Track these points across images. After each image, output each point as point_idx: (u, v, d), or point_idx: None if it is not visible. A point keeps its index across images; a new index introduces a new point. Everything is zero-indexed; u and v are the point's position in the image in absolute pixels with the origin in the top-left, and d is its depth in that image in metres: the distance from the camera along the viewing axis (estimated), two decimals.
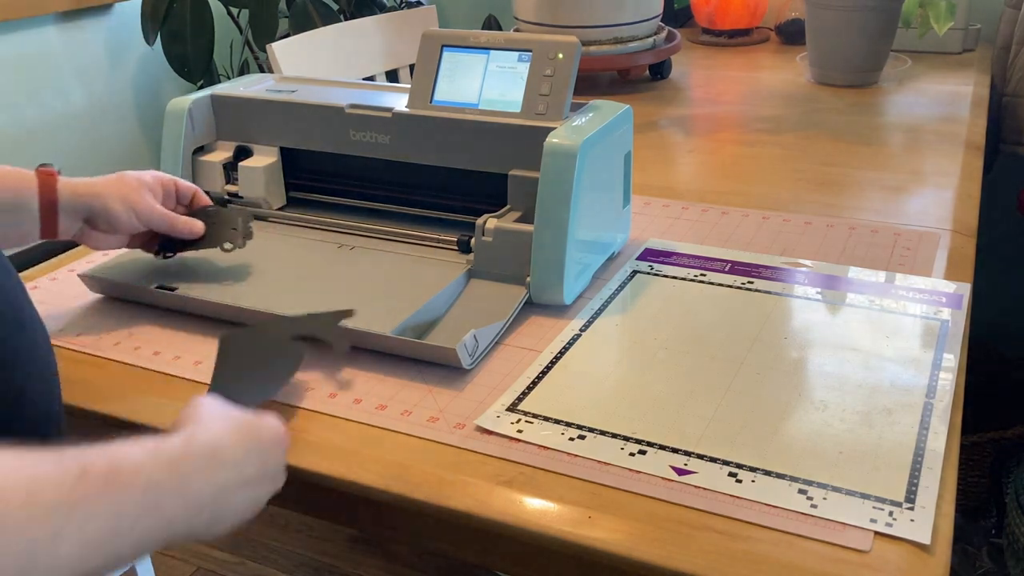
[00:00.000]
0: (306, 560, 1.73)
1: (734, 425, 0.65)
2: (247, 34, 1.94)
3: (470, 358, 0.73)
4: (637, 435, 0.64)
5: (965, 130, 1.29)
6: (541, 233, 0.79)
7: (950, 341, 0.75)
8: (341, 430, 0.67)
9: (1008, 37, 1.57)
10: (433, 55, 0.89)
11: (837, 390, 0.69)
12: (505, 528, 0.58)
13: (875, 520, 0.56)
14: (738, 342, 0.76)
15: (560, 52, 0.84)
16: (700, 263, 0.90)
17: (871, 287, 0.84)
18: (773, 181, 1.13)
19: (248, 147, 0.96)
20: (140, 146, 2.16)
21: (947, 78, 1.54)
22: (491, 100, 0.86)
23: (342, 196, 0.96)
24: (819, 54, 1.52)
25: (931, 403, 0.67)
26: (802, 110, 1.40)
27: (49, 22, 1.90)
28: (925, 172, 1.14)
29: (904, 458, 0.61)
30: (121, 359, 0.77)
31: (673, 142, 1.30)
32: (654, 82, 1.58)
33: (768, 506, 0.58)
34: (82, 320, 0.83)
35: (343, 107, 0.90)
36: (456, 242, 0.87)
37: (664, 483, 0.60)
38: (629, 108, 0.88)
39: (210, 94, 0.95)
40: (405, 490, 0.61)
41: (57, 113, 1.96)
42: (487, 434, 0.65)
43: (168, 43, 1.88)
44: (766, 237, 0.96)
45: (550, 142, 0.79)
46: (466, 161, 0.87)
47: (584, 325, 0.79)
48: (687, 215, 1.02)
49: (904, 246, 0.93)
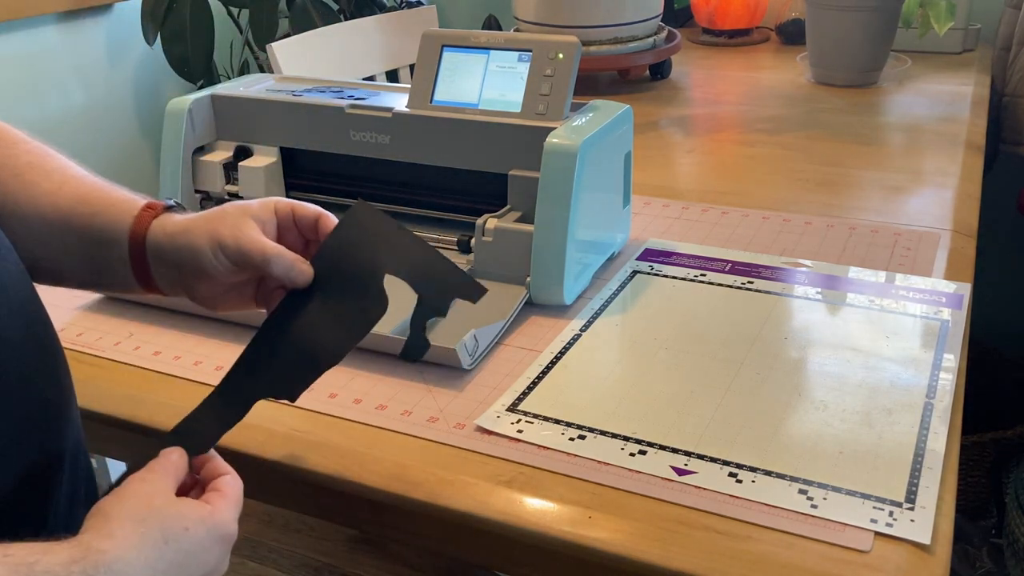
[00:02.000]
0: (306, 560, 1.73)
1: (734, 425, 0.65)
2: (247, 34, 1.94)
3: (470, 358, 0.73)
4: (637, 435, 0.64)
5: (965, 130, 1.28)
6: (541, 233, 0.79)
7: (950, 341, 0.75)
8: (341, 430, 0.67)
9: (1008, 37, 1.57)
10: (433, 55, 0.89)
11: (837, 390, 0.69)
12: (505, 528, 0.58)
13: (875, 520, 0.56)
14: (738, 342, 0.76)
15: (560, 52, 0.84)
16: (700, 263, 0.90)
17: (871, 287, 0.84)
18: (773, 181, 1.13)
19: (248, 147, 0.96)
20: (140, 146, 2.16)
21: (947, 78, 1.54)
22: (491, 100, 0.86)
23: (342, 196, 0.95)
24: (819, 54, 1.52)
25: (931, 403, 0.67)
26: (802, 110, 1.40)
27: (49, 22, 1.90)
28: (925, 172, 1.14)
29: (904, 458, 0.61)
30: (121, 359, 0.77)
31: (673, 142, 1.30)
32: (654, 82, 1.58)
33: (768, 506, 0.58)
34: (82, 320, 0.83)
35: (343, 107, 0.90)
36: (456, 242, 0.87)
37: (664, 483, 0.60)
38: (629, 108, 0.88)
39: (210, 94, 0.95)
40: (405, 490, 0.61)
41: (57, 113, 1.96)
42: (487, 434, 0.65)
43: (168, 43, 1.88)
44: (766, 237, 0.96)
45: (550, 142, 0.79)
46: (466, 161, 0.87)
47: (584, 325, 0.79)
48: (687, 215, 1.02)
49: (904, 246, 0.93)
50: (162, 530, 0.49)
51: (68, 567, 0.45)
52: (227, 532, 0.52)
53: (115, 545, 0.47)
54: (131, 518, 0.49)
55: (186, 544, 0.50)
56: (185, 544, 0.50)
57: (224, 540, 0.52)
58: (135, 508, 0.50)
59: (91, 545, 0.47)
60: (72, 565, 0.45)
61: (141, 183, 1.97)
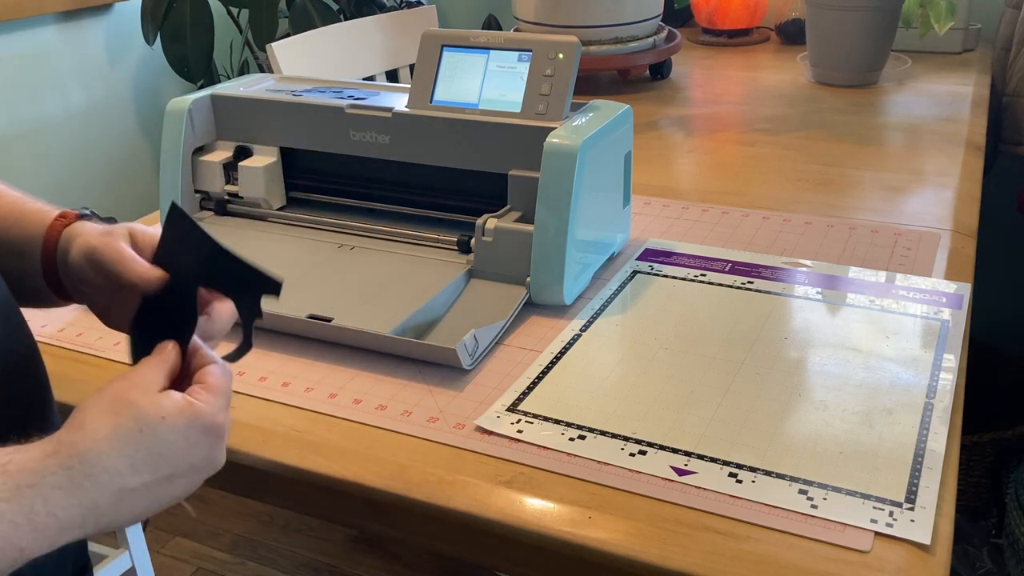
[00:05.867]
0: (306, 560, 1.73)
1: (734, 425, 0.65)
2: (247, 34, 1.94)
3: (470, 358, 0.73)
4: (637, 435, 0.64)
5: (965, 130, 1.28)
6: (541, 233, 0.79)
7: (950, 341, 0.75)
8: (341, 430, 0.67)
9: (1008, 37, 1.56)
10: (433, 55, 0.89)
11: (837, 390, 0.69)
12: (505, 528, 0.58)
13: (875, 520, 0.56)
14: (738, 342, 0.76)
15: (560, 52, 0.84)
16: (700, 263, 0.90)
17: (871, 287, 0.84)
18: (773, 181, 1.13)
19: (248, 147, 0.96)
20: (140, 146, 2.16)
21: (947, 78, 1.54)
22: (491, 100, 0.86)
23: (342, 196, 0.95)
24: (819, 54, 1.52)
25: (931, 403, 0.67)
26: (802, 110, 1.40)
27: (49, 22, 1.90)
28: (925, 172, 1.14)
29: (904, 458, 0.61)
30: (121, 359, 0.77)
31: (673, 142, 1.30)
32: (654, 82, 1.58)
33: (768, 506, 0.58)
34: (82, 320, 0.83)
35: (343, 107, 0.90)
36: (456, 242, 0.87)
37: (664, 483, 0.60)
38: (629, 108, 0.88)
39: (210, 94, 0.95)
40: (405, 490, 0.61)
41: (57, 113, 1.96)
42: (487, 434, 0.65)
43: (168, 43, 1.88)
44: (766, 237, 0.96)
45: (550, 142, 0.79)
46: (466, 161, 0.87)
47: (584, 325, 0.79)
48: (687, 215, 1.02)
49: (904, 246, 0.93)
50: (136, 419, 0.49)
51: (43, 461, 0.46)
52: (210, 423, 0.51)
53: (86, 436, 0.47)
54: (104, 410, 0.49)
55: (163, 432, 0.49)
56: (163, 432, 0.49)
57: (208, 432, 0.52)
58: (110, 401, 0.50)
59: (62, 439, 0.47)
60: (46, 459, 0.46)
61: (141, 183, 1.98)
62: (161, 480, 0.50)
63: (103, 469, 0.47)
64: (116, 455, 0.48)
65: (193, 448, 0.51)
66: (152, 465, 0.49)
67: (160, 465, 0.49)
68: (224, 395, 0.54)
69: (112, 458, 0.47)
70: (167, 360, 0.54)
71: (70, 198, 0.65)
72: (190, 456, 0.51)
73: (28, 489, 0.45)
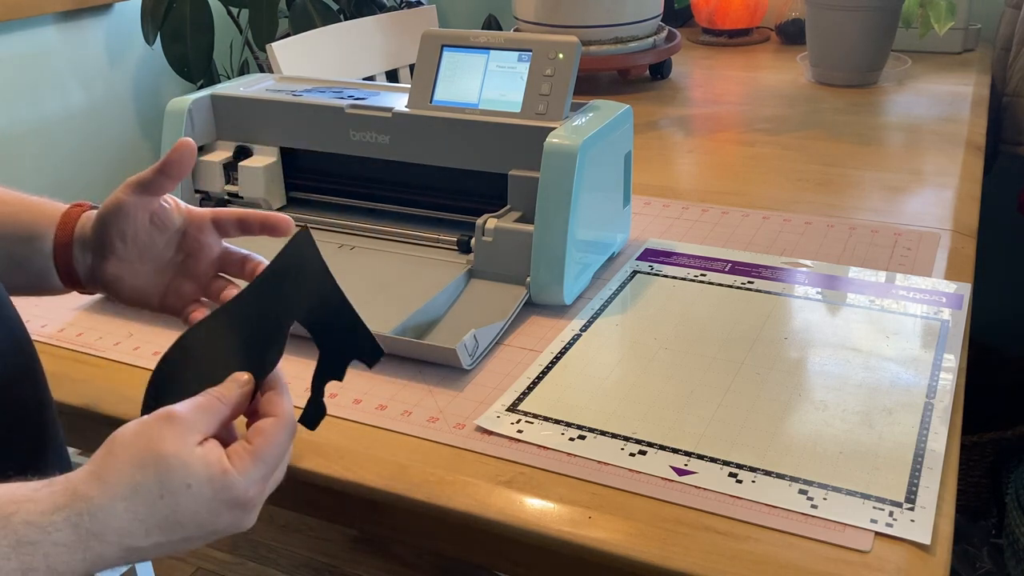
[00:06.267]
0: (306, 560, 1.73)
1: (734, 425, 0.65)
2: (247, 34, 1.94)
3: (470, 358, 0.73)
4: (637, 435, 0.64)
5: (965, 130, 1.28)
6: (541, 233, 0.79)
7: (950, 341, 0.75)
8: (341, 430, 0.67)
9: (1008, 37, 1.56)
10: (433, 55, 0.89)
11: (837, 390, 0.69)
12: (505, 528, 0.58)
13: (875, 520, 0.56)
14: (738, 342, 0.76)
15: (560, 52, 0.84)
16: (700, 263, 0.90)
17: (871, 287, 0.84)
18: (773, 181, 1.13)
19: (248, 147, 0.96)
20: (140, 146, 2.16)
21: (947, 78, 1.54)
22: (491, 100, 0.86)
23: (342, 196, 0.95)
24: (819, 54, 1.52)
25: (931, 403, 0.67)
26: (802, 110, 1.40)
27: (49, 22, 1.90)
28: (925, 172, 1.14)
29: (904, 458, 0.61)
30: (121, 359, 0.77)
31: (673, 142, 1.30)
32: (654, 82, 1.58)
33: (768, 506, 0.58)
34: (82, 320, 0.83)
35: (343, 107, 0.90)
36: (456, 242, 0.87)
37: (664, 483, 0.60)
38: (629, 108, 0.88)
39: (210, 94, 0.95)
40: (405, 490, 0.61)
41: (57, 113, 1.96)
42: (487, 434, 0.65)
43: (168, 43, 1.88)
44: (766, 237, 0.96)
45: (550, 142, 0.79)
46: (466, 161, 0.87)
47: (584, 325, 0.79)
48: (687, 215, 1.02)
49: (904, 246, 0.93)
50: (160, 482, 0.46)
51: (50, 516, 0.44)
52: (239, 498, 0.48)
53: (103, 492, 0.45)
54: (130, 462, 0.46)
55: (185, 502, 0.46)
56: (184, 502, 0.46)
57: (235, 506, 0.48)
58: (140, 452, 0.46)
59: (78, 491, 0.45)
60: (55, 514, 0.44)
61: None
62: (176, 541, 0.48)
63: (114, 530, 0.45)
64: (130, 518, 0.45)
65: (215, 518, 0.48)
66: (168, 530, 0.47)
67: (175, 530, 0.47)
68: (267, 463, 0.50)
69: (125, 521, 0.45)
70: (227, 405, 0.51)
71: (70, 198, 0.65)
72: (210, 525, 0.48)
73: (29, 546, 0.43)
